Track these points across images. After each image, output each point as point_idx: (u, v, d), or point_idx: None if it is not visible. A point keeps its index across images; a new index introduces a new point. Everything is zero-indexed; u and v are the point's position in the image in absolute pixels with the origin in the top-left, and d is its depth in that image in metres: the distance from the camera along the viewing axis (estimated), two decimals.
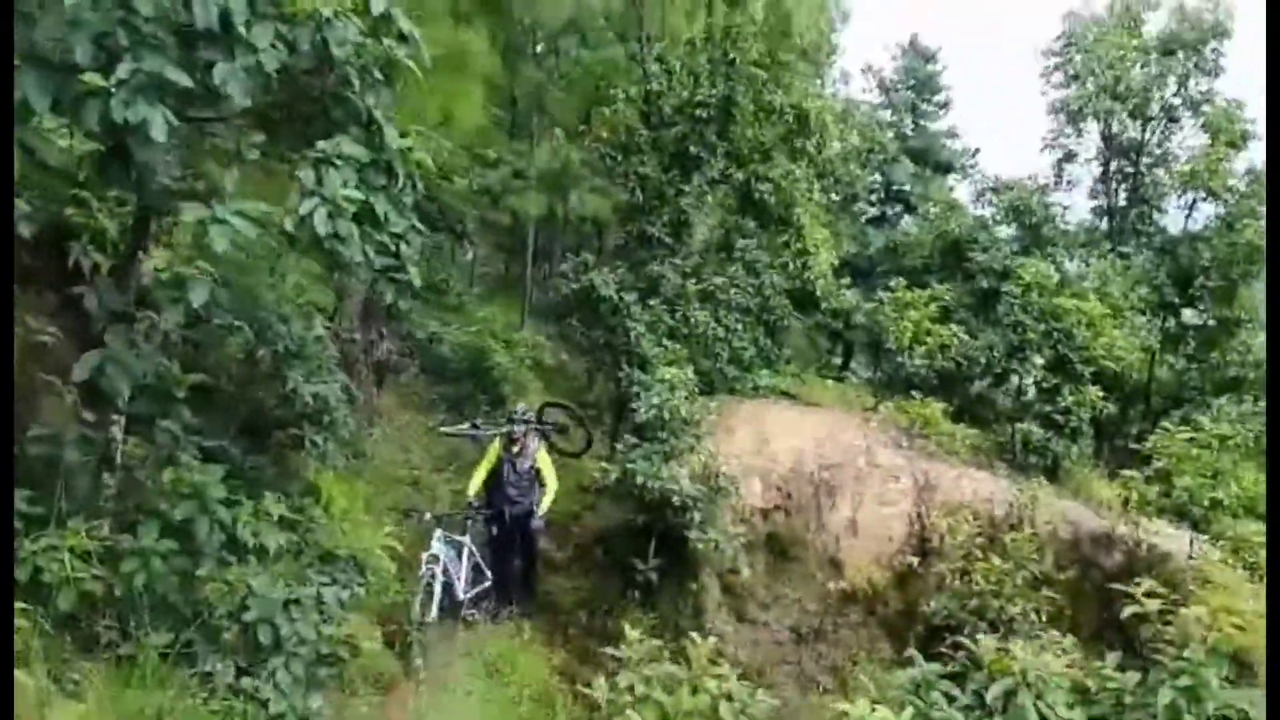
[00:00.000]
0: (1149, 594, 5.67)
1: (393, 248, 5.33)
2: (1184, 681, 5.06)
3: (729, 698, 5.53)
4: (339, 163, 4.51)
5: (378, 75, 4.88)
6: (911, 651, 5.74)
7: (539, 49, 19.58)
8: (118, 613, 5.40)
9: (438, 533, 9.06)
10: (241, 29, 4.21)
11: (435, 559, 8.85)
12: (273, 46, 4.37)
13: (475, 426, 10.22)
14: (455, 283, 17.67)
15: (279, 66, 4.44)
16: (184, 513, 5.43)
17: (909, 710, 5.12)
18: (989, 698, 5.21)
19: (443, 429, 10.86)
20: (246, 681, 5.56)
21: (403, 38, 5.01)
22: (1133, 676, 5.83)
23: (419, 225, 5.61)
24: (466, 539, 9.53)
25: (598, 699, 5.32)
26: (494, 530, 9.78)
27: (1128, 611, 5.75)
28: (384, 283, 5.47)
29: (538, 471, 9.51)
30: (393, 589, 8.55)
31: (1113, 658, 5.85)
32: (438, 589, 8.73)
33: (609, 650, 5.56)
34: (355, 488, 8.87)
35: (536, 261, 20.22)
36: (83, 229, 5.69)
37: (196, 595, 5.68)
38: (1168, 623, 5.55)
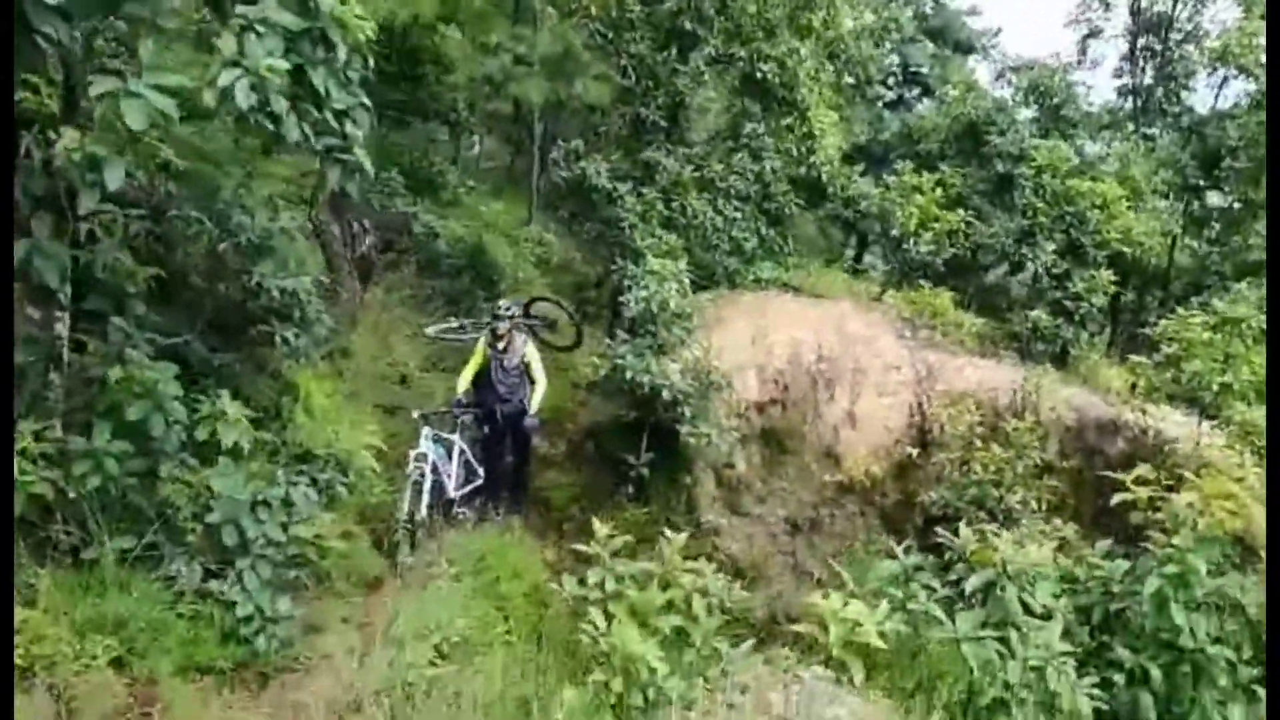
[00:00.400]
0: (1139, 480, 5.43)
1: (335, 126, 4.96)
2: (1171, 569, 4.88)
3: (702, 592, 5.40)
4: (262, 30, 4.12)
5: None
6: (891, 543, 5.57)
7: None
8: (77, 517, 5.28)
9: (425, 430, 8.91)
10: None
11: (424, 457, 8.72)
12: None
13: (463, 327, 9.97)
14: (451, 175, 17.13)
15: None
16: (137, 412, 5.24)
17: (884, 604, 4.99)
18: (967, 588, 5.05)
19: (428, 329, 10.61)
20: (214, 584, 5.48)
21: None
22: (1121, 564, 5.67)
23: (366, 101, 5.24)
24: (456, 437, 9.40)
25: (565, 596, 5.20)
26: (485, 428, 9.64)
27: (1117, 499, 5.53)
28: (329, 164, 5.12)
29: (527, 367, 9.28)
30: (378, 488, 8.48)
31: (1102, 545, 5.68)
32: (426, 487, 8.63)
33: (579, 546, 5.41)
34: (336, 385, 8.71)
35: (544, 153, 19.63)
36: (35, 115, 5.37)
37: (159, 496, 5.56)
38: (1158, 509, 5.33)
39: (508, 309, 9.33)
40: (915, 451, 10.95)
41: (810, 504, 10.73)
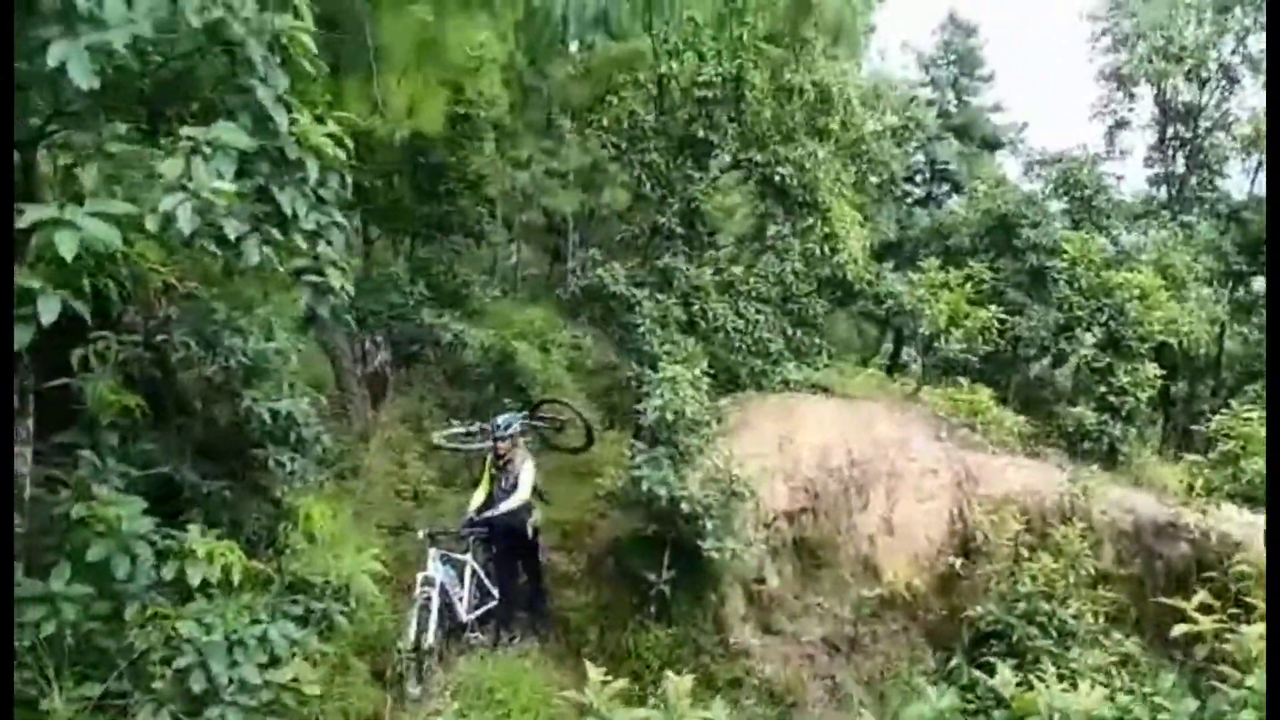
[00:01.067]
0: (1203, 608, 4.80)
1: (304, 247, 4.73)
2: (1247, 716, 4.21)
3: None
4: (209, 152, 3.92)
5: (264, 55, 4.27)
6: (920, 683, 4.95)
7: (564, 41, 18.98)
8: (37, 664, 4.90)
9: (433, 552, 8.52)
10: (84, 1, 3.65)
11: (431, 580, 8.30)
12: (129, 20, 3.80)
13: (470, 434, 9.66)
14: (476, 286, 17.12)
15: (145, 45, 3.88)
16: (99, 552, 4.90)
17: None
18: None
19: (436, 437, 10.30)
20: None
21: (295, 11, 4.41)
22: (1190, 705, 4.99)
23: (340, 220, 5.02)
24: (469, 557, 8.99)
25: None
26: (494, 547, 9.23)
27: (1179, 630, 4.88)
28: (303, 287, 4.88)
29: (518, 480, 8.96)
30: (380, 615, 8.05)
31: (1167, 679, 5.00)
32: (434, 612, 8.18)
33: (568, 694, 4.87)
34: (340, 507, 8.37)
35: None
36: None
37: (125, 640, 5.18)
38: (1226, 641, 4.68)
39: (506, 425, 9.04)
40: (959, 561, 10.27)
41: (848, 620, 10.02)
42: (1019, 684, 5.10)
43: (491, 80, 15.02)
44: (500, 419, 9.16)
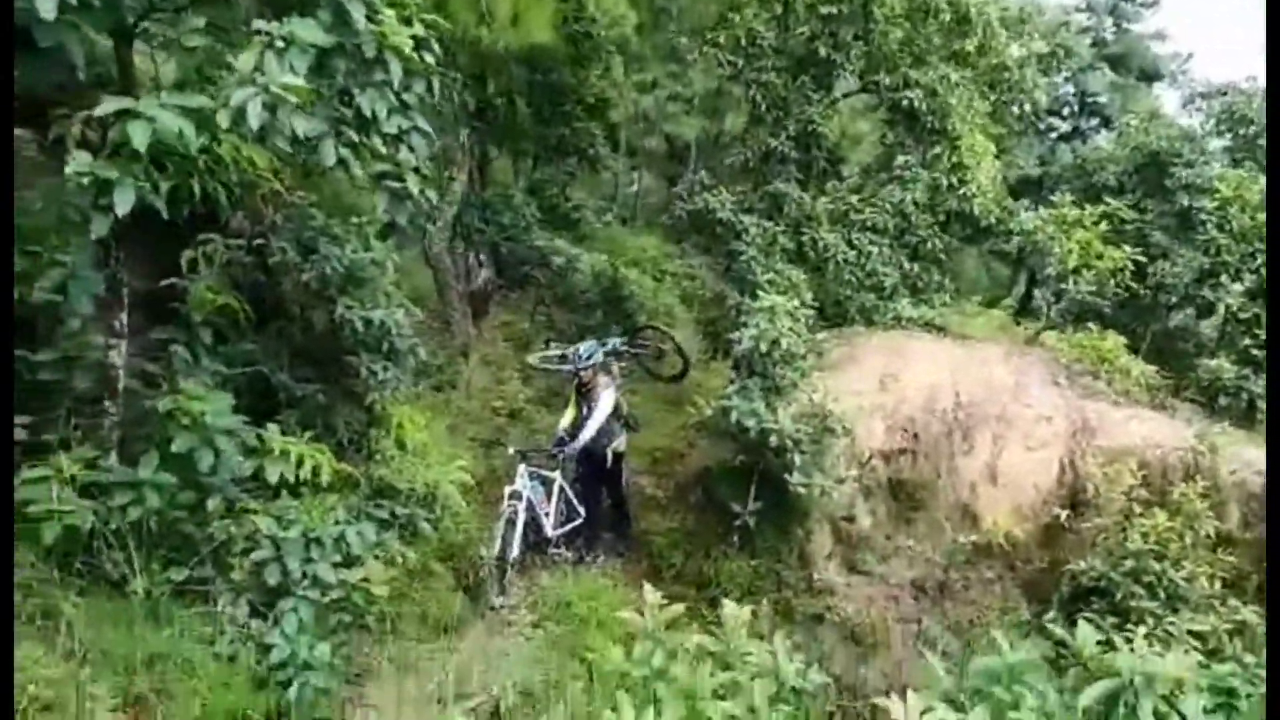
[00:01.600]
0: None
1: (385, 151, 4.69)
2: None
3: (766, 674, 4.70)
4: (283, 46, 3.88)
5: None
6: (996, 635, 4.69)
7: None
8: (123, 547, 5.18)
9: (521, 468, 8.63)
10: None
11: (518, 495, 8.44)
12: None
13: (564, 357, 9.66)
14: (588, 210, 17.02)
15: None
16: (183, 444, 5.10)
17: (979, 709, 4.15)
18: (1080, 703, 4.14)
19: (530, 358, 10.35)
20: (255, 624, 5.26)
21: None
22: None
23: (424, 126, 4.95)
24: (556, 475, 9.09)
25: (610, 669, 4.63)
26: (580, 467, 9.30)
27: None
28: (381, 193, 4.86)
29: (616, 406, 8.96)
30: (467, 525, 8.22)
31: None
32: (519, 526, 8.33)
33: (624, 615, 4.82)
34: (434, 418, 8.54)
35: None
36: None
37: (208, 531, 5.42)
38: None
39: (588, 354, 9.03)
40: (1065, 514, 9.73)
41: (940, 566, 9.70)
42: (1102, 643, 4.81)
43: None
44: (582, 347, 9.17)
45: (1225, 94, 20.43)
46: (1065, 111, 29.65)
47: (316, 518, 5.76)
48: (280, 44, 3.88)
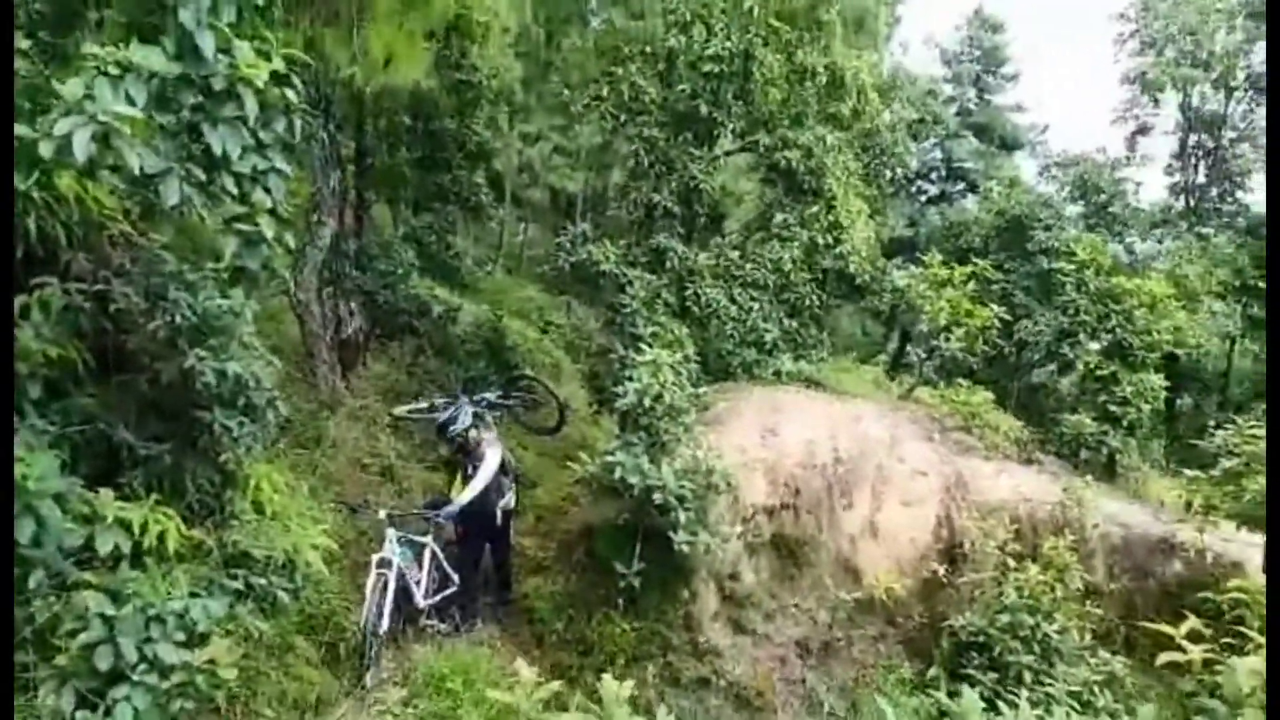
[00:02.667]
0: (1193, 635, 4.39)
1: (235, 191, 4.33)
2: None
3: None
4: (116, 71, 3.51)
5: None
6: (882, 703, 4.57)
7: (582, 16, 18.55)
8: None
9: (390, 533, 8.14)
10: None
11: (387, 563, 7.93)
12: None
13: (433, 407, 9.27)
14: (469, 260, 16.71)
15: None
16: None
17: None
18: None
19: (396, 410, 9.91)
20: (82, 716, 4.65)
21: None
22: None
23: (283, 167, 4.61)
24: (429, 539, 8.62)
25: None
26: (463, 528, 8.88)
27: (1164, 659, 4.48)
28: (231, 236, 4.47)
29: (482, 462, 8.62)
30: (328, 596, 7.68)
31: (1146, 711, 4.61)
32: (390, 596, 7.81)
33: (494, 695, 4.49)
34: (294, 478, 7.98)
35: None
36: None
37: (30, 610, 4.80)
38: (1217, 673, 4.28)
39: (457, 417, 8.74)
40: (943, 569, 9.86)
41: (824, 624, 9.63)
42: (987, 707, 4.74)
43: (499, 47, 14.64)
44: (448, 412, 8.85)
45: (1078, 164, 21.88)
46: (934, 176, 31.16)
47: (159, 591, 5.20)
48: (114, 70, 3.51)
